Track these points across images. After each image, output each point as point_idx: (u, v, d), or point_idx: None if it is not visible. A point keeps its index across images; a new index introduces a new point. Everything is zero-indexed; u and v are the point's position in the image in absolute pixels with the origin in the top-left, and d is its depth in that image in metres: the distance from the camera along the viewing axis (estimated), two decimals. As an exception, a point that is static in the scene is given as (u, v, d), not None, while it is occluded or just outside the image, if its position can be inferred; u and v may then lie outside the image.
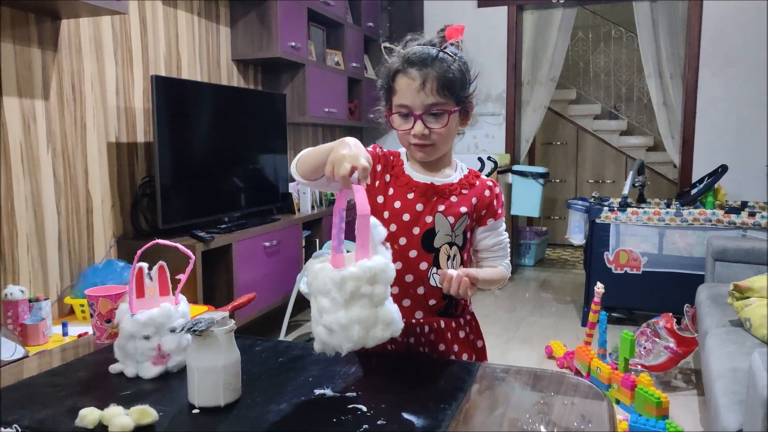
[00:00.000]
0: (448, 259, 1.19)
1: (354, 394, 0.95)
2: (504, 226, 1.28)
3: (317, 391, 0.96)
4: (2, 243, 2.21)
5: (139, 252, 1.04)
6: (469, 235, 1.23)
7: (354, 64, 4.49)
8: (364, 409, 0.89)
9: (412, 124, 1.15)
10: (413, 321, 1.19)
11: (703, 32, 4.28)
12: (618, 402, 2.45)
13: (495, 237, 1.25)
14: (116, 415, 0.82)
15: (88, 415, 0.83)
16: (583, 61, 6.76)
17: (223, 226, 2.99)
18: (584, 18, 6.49)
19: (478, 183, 1.24)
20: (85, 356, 1.15)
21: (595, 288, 2.73)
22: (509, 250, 1.29)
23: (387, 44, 1.21)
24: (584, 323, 3.53)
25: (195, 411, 0.90)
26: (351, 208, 0.92)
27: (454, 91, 1.15)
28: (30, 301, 2.15)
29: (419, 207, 1.18)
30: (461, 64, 1.17)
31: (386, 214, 1.19)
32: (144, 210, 2.85)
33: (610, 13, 6.55)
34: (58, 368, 1.08)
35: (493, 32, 4.79)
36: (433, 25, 4.83)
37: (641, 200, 3.88)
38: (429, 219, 1.18)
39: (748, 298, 2.35)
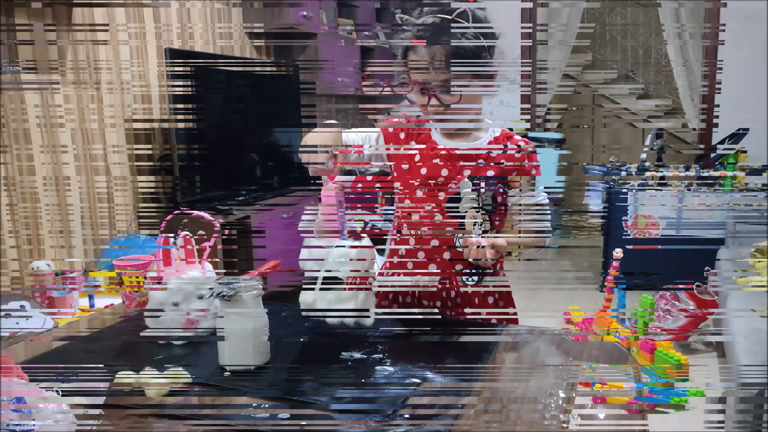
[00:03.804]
0: (474, 225, 1.17)
1: (381, 356, 0.96)
2: (540, 186, 1.24)
3: (344, 354, 0.97)
4: (26, 219, 2.25)
5: (164, 221, 1.06)
6: (500, 198, 1.21)
7: (366, 33, 4.44)
8: (391, 370, 0.90)
9: (428, 100, 1.15)
10: (440, 286, 1.19)
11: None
12: (637, 365, 2.46)
13: (528, 199, 1.22)
14: (152, 377, 0.85)
15: (125, 378, 0.86)
16: (599, 23, 6.61)
17: (241, 198, 3.01)
18: (600, -21, 6.34)
19: (508, 144, 1.22)
20: (116, 324, 1.17)
21: (614, 253, 2.72)
22: (549, 210, 1.24)
23: (399, 14, 1.18)
24: (602, 289, 3.53)
25: (226, 374, 0.92)
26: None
27: (467, 62, 1.12)
28: (56, 275, 2.19)
29: (444, 172, 1.18)
30: (475, 30, 1.12)
31: (412, 181, 1.19)
32: (163, 184, 2.87)
33: (627, -27, 6.38)
34: (90, 336, 1.11)
35: (507, -5, 4.69)
36: (445, -10, 4.73)
37: (659, 164, 3.83)
38: (454, 185, 1.18)
39: (770, 259, 2.33)
